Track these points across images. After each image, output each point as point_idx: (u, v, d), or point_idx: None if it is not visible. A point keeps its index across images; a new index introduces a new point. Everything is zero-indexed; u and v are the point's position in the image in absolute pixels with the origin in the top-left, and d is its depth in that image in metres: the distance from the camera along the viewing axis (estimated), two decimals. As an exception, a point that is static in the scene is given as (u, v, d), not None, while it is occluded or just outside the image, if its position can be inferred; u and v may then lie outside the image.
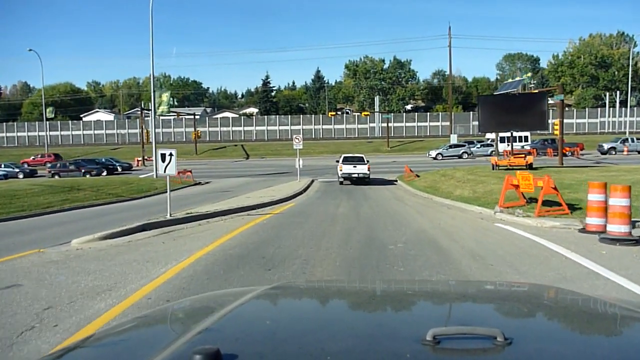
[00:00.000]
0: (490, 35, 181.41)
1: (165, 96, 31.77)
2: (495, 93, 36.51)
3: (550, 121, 31.47)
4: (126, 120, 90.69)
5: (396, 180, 30.10)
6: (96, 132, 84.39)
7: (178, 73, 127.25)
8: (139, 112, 67.47)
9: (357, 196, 20.15)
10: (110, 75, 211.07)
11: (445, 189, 20.48)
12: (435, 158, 47.77)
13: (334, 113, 70.97)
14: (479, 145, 50.85)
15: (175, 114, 53.84)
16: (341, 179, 27.87)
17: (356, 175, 27.44)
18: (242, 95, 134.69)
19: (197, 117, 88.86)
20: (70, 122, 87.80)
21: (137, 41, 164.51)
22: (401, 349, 1.26)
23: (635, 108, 72.43)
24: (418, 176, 28.59)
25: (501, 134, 48.12)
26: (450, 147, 50.19)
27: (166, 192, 12.47)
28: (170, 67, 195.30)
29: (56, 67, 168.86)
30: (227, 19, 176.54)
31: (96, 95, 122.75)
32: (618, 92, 77.76)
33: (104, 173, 40.68)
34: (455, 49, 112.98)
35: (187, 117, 71.06)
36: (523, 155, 25.21)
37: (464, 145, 50.22)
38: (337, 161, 29.40)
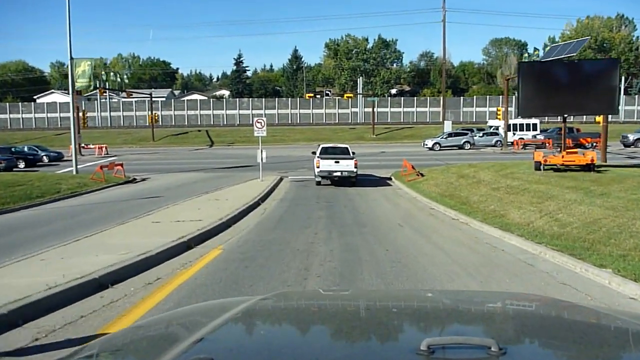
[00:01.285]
0: (478, 18, 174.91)
1: (86, 65, 23.66)
2: (543, 60, 28.32)
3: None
4: (83, 102, 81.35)
5: (390, 178, 22.93)
6: (50, 115, 75.84)
7: (155, 56, 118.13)
8: (104, 93, 58.93)
9: (343, 217, 12.70)
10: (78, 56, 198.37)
11: (480, 203, 13.08)
12: (432, 148, 40.09)
13: (311, 95, 62.75)
14: (481, 134, 43.29)
15: (124, 93, 45.49)
16: (318, 178, 20.51)
17: (339, 173, 20.06)
18: (218, 79, 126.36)
19: (162, 99, 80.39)
20: (20, 104, 78.82)
21: (110, 21, 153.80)
22: (396, 359, 1.26)
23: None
24: (422, 174, 21.35)
25: (511, 121, 41.11)
26: (450, 135, 42.21)
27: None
28: (146, 50, 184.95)
29: (21, 46, 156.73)
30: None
31: (60, 76, 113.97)
32: (623, 78, 71.59)
33: (22, 165, 32.27)
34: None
35: (150, 98, 62.35)
36: (576, 151, 17.88)
37: (465, 134, 42.30)
38: (314, 152, 21.97)
